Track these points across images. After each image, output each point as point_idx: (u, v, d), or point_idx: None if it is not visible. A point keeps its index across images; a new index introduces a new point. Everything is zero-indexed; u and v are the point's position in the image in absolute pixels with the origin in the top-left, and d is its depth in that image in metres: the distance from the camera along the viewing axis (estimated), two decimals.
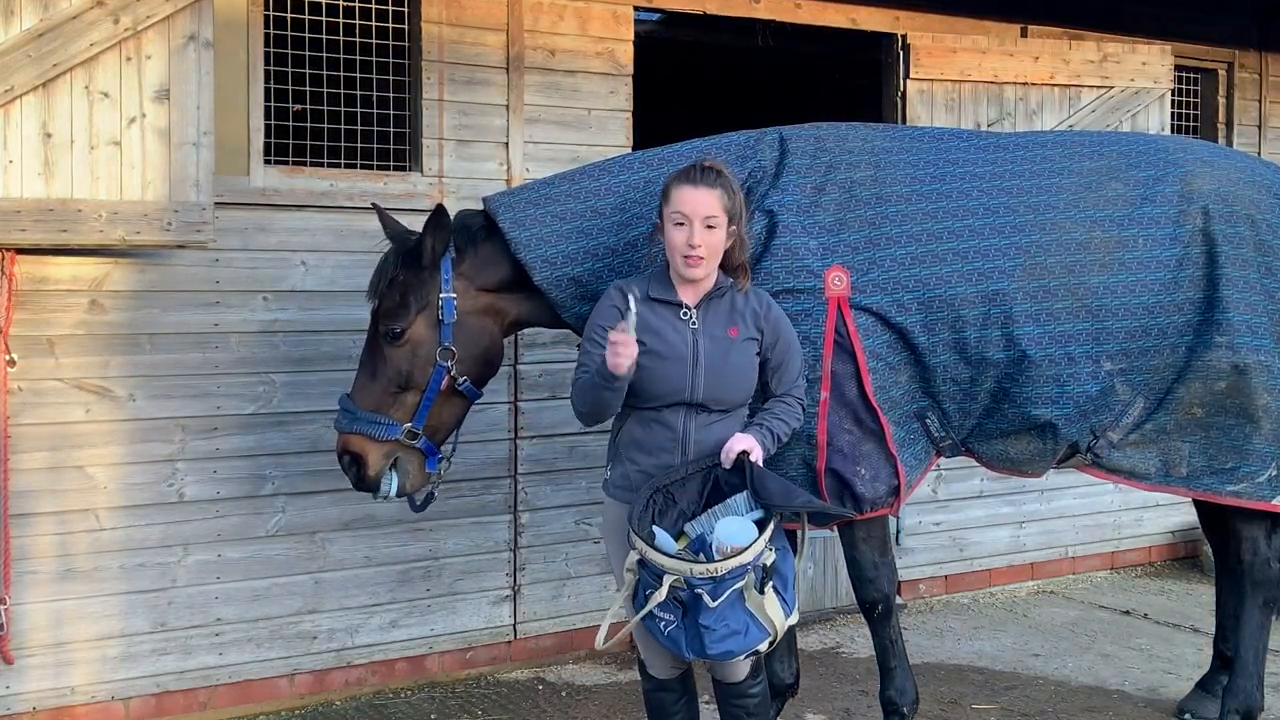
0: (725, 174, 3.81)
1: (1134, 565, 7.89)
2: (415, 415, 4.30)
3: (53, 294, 4.89)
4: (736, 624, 3.55)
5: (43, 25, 4.45)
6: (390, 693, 5.60)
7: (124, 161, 4.61)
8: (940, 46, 6.69)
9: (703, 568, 3.52)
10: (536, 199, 4.45)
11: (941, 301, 4.40)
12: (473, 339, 4.35)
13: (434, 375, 4.29)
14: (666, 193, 3.78)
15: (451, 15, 5.62)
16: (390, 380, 4.29)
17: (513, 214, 4.39)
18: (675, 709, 4.03)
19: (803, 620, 6.34)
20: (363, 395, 4.32)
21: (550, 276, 4.34)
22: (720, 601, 3.51)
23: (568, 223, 4.38)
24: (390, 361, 4.29)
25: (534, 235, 4.34)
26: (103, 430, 4.99)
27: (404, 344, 4.27)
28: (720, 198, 3.73)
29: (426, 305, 4.29)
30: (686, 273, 3.76)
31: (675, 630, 3.59)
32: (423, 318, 4.29)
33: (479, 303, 4.39)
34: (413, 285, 4.30)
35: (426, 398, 4.29)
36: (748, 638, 3.56)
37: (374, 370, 4.33)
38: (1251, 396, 4.61)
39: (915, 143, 4.71)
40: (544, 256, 4.33)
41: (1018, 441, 4.57)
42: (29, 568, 4.87)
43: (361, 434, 4.27)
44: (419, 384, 4.29)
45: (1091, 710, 5.44)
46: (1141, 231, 4.59)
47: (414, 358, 4.28)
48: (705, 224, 3.70)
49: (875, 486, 4.35)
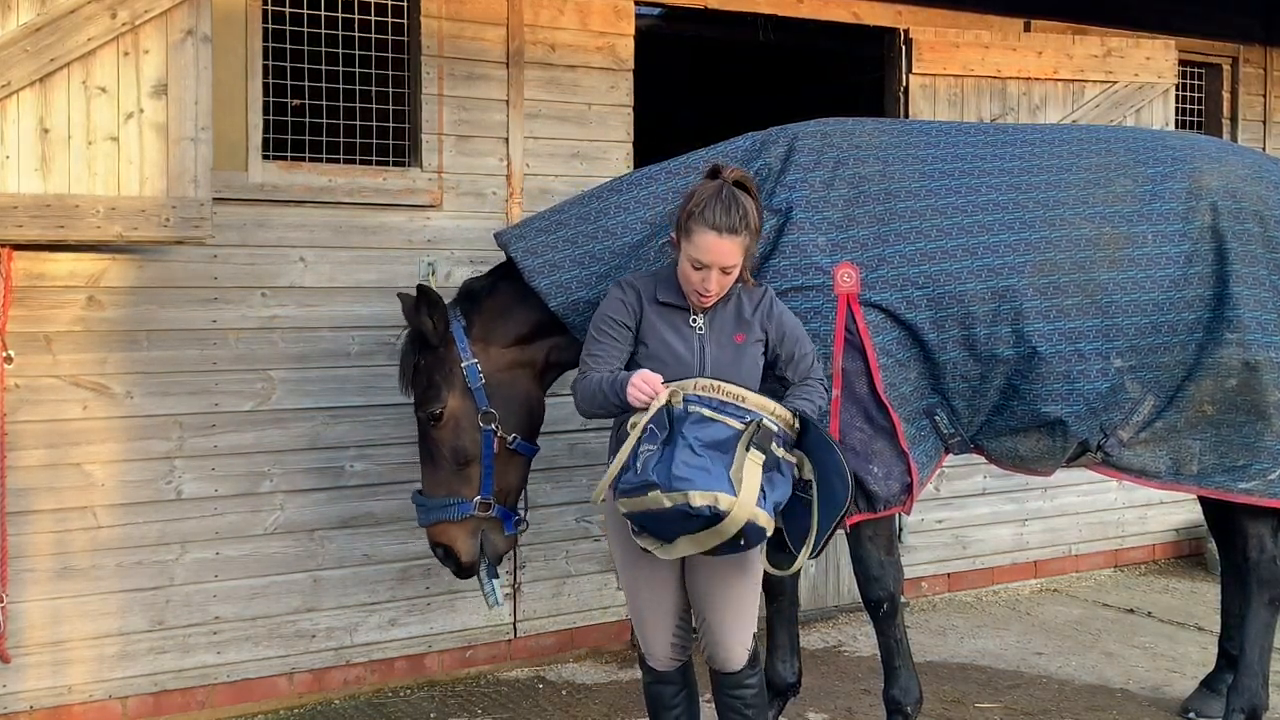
0: (749, 210, 3.65)
1: (1138, 563, 7.87)
2: (481, 486, 4.38)
3: (50, 290, 4.86)
4: (710, 465, 3.43)
5: (40, 20, 4.41)
6: (389, 691, 5.57)
7: (122, 157, 4.58)
8: (943, 41, 6.66)
9: (707, 382, 3.54)
10: (547, 226, 4.47)
11: (951, 298, 4.38)
12: (509, 396, 4.42)
13: (484, 441, 4.37)
14: (689, 228, 3.64)
15: (451, 10, 5.59)
16: (448, 461, 4.39)
17: (524, 243, 4.44)
18: (674, 702, 4.01)
19: (805, 619, 6.32)
20: (430, 485, 4.44)
21: (565, 302, 4.37)
22: (706, 428, 3.46)
23: (579, 247, 4.40)
24: (441, 444, 4.39)
25: (546, 261, 4.38)
26: (100, 427, 4.96)
27: (446, 423, 4.37)
28: (743, 242, 3.64)
29: (452, 379, 4.37)
30: (695, 303, 3.74)
31: (651, 458, 3.47)
32: (454, 393, 4.37)
33: (504, 359, 4.45)
34: (434, 366, 4.40)
35: (485, 466, 4.38)
36: (712, 478, 3.40)
37: (432, 457, 4.43)
38: (1263, 393, 4.59)
39: (923, 138, 4.69)
40: (558, 282, 4.36)
41: (1027, 439, 4.56)
42: (26, 566, 4.84)
43: (440, 521, 4.38)
44: (473, 455, 4.38)
45: (1095, 709, 5.41)
46: (1150, 228, 4.57)
47: (459, 431, 4.37)
48: (723, 271, 3.65)
49: (889, 484, 4.34)
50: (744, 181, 3.72)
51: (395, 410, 5.48)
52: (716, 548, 3.53)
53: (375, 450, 5.49)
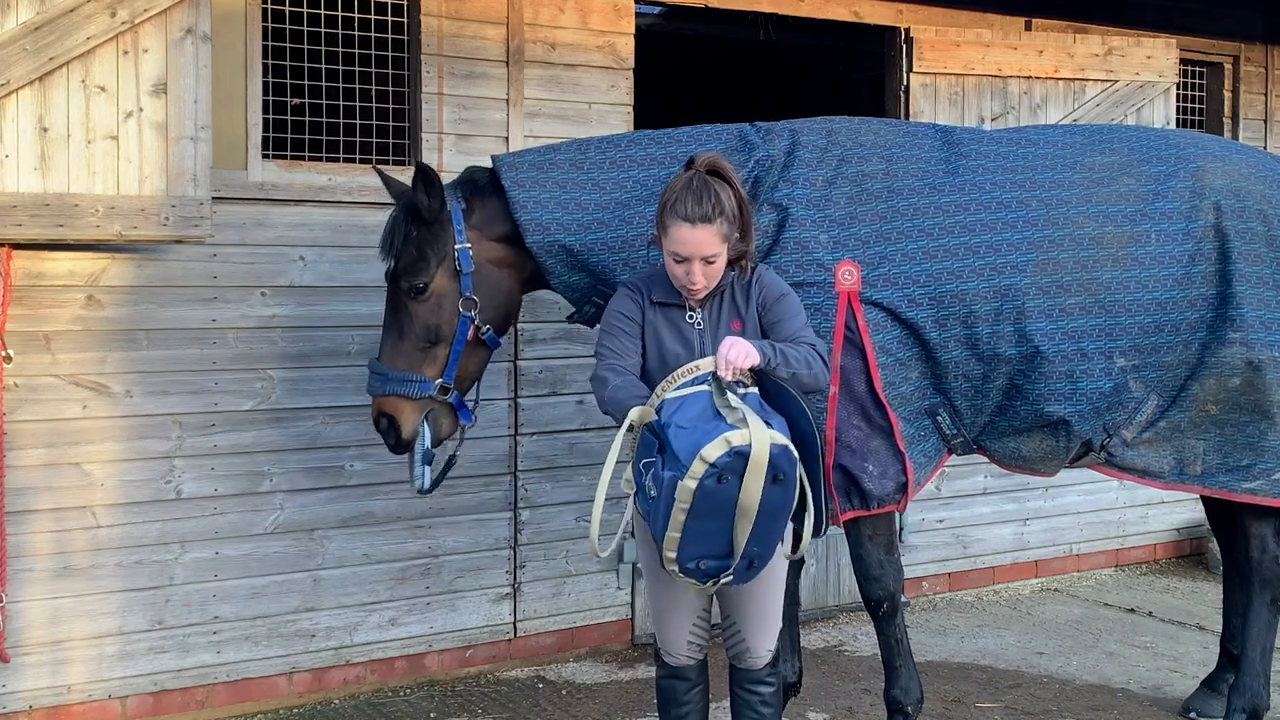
0: (722, 196, 3.61)
1: (1139, 563, 7.86)
2: (445, 369, 4.32)
3: (49, 289, 4.85)
4: (703, 425, 3.36)
5: (39, 19, 4.41)
6: (389, 691, 5.56)
7: (121, 156, 4.58)
8: (943, 40, 6.65)
9: (662, 383, 3.50)
10: (540, 163, 4.44)
11: (953, 296, 4.37)
12: (493, 287, 4.37)
13: (460, 326, 4.31)
14: (664, 224, 3.63)
15: (451, 8, 5.58)
16: (418, 337, 4.30)
17: (515, 174, 4.39)
18: (686, 699, 3.96)
19: (806, 618, 6.32)
20: (392, 356, 4.33)
21: (542, 241, 4.32)
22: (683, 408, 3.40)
23: (566, 191, 4.37)
24: (416, 318, 4.30)
25: (531, 198, 4.34)
26: (99, 427, 4.96)
27: (428, 298, 4.29)
28: (719, 229, 3.59)
29: (445, 257, 4.30)
30: (687, 297, 3.73)
31: (655, 467, 3.40)
32: (442, 270, 4.30)
33: (495, 253, 4.39)
34: (427, 240, 4.31)
35: (454, 350, 4.32)
36: (713, 431, 3.31)
37: (400, 330, 4.33)
38: (1266, 393, 4.58)
39: (927, 139, 4.68)
40: (538, 220, 4.32)
41: (1030, 439, 4.55)
42: (25, 565, 4.83)
43: (396, 394, 4.29)
44: (446, 336, 4.31)
45: (1096, 709, 5.40)
46: (1154, 227, 4.56)
47: (439, 310, 4.30)
48: (705, 261, 3.63)
49: (883, 483, 4.33)
50: (718, 168, 3.67)
51: None
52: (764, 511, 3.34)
53: (375, 450, 5.46)
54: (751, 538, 3.38)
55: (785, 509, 3.45)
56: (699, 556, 3.40)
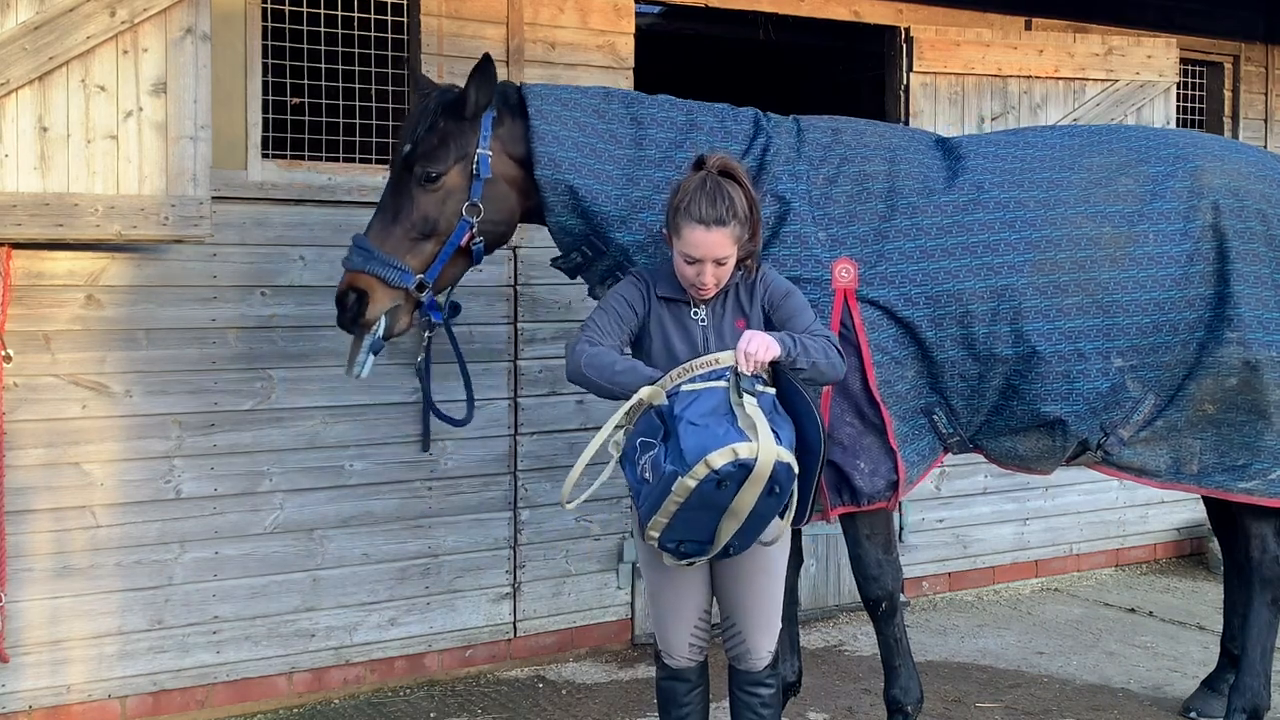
0: (735, 198, 3.62)
1: (1139, 562, 7.86)
2: (430, 266, 4.25)
3: (49, 289, 4.85)
4: (714, 425, 3.39)
5: (39, 18, 4.41)
6: (389, 691, 5.56)
7: (120, 155, 4.58)
8: (943, 39, 6.65)
9: (679, 369, 3.51)
10: (566, 100, 4.39)
11: (950, 296, 4.37)
12: (500, 202, 4.30)
13: (458, 227, 4.24)
14: (676, 225, 3.63)
15: (451, 8, 5.58)
16: (414, 225, 4.22)
17: (540, 103, 4.34)
18: (686, 700, 3.95)
19: (805, 618, 6.31)
20: (381, 237, 4.23)
21: (550, 177, 4.27)
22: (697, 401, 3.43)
23: (584, 134, 4.32)
24: (418, 206, 4.22)
25: (551, 131, 4.28)
26: (99, 426, 4.95)
27: (437, 189, 4.22)
28: (732, 232, 3.60)
29: (464, 156, 4.24)
30: (695, 296, 3.73)
31: (657, 455, 3.44)
32: (459, 167, 4.24)
33: (510, 170, 4.33)
34: (453, 133, 4.24)
35: (446, 249, 4.25)
36: (723, 435, 3.36)
37: (397, 213, 4.24)
38: (1263, 393, 4.58)
39: (929, 144, 4.71)
40: (552, 155, 4.27)
41: (1027, 439, 4.55)
42: (25, 565, 4.83)
43: (375, 275, 4.19)
44: (442, 233, 4.24)
45: (1096, 709, 5.40)
46: (1152, 227, 4.56)
47: (443, 205, 4.23)
48: (716, 263, 3.63)
49: (874, 481, 4.33)
50: (729, 169, 3.68)
51: (395, 409, 5.48)
52: (753, 514, 3.44)
53: (375, 450, 5.48)
54: (735, 534, 3.51)
55: (773, 514, 3.56)
56: (681, 539, 3.53)
